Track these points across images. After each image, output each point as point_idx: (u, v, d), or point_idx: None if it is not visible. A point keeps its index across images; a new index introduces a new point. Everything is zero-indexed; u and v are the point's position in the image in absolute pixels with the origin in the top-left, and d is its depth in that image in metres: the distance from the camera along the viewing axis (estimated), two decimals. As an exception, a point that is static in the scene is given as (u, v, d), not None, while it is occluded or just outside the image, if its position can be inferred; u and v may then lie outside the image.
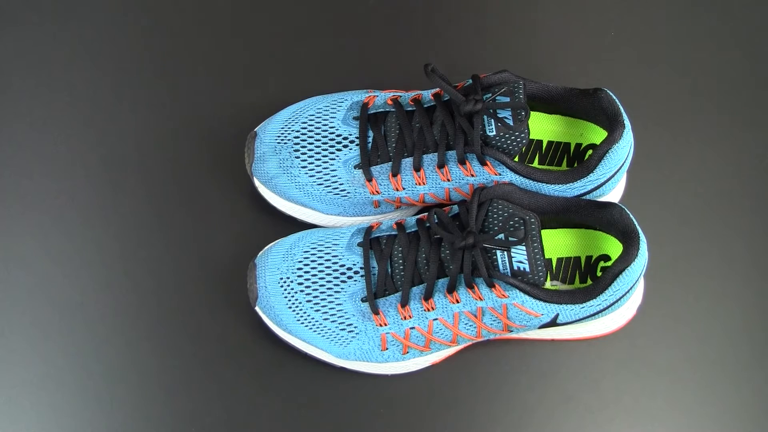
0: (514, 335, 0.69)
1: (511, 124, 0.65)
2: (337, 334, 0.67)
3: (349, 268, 0.67)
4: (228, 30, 0.81)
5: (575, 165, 0.71)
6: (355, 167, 0.70)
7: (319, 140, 0.70)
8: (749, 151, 0.78)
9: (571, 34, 0.81)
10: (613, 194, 0.72)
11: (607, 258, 0.70)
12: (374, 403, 0.71)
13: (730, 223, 0.76)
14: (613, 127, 0.66)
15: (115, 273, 0.74)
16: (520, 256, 0.63)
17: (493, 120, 0.65)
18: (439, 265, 0.65)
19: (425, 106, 0.69)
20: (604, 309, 0.65)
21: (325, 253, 0.68)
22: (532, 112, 0.72)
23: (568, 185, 0.67)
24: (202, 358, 0.72)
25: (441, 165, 0.67)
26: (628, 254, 0.63)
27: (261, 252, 0.70)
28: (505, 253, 0.63)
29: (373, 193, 0.70)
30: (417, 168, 0.68)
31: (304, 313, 0.67)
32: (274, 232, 0.73)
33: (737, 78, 0.80)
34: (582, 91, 0.69)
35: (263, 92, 0.79)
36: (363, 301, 0.66)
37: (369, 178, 0.69)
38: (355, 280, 0.67)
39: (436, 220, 0.66)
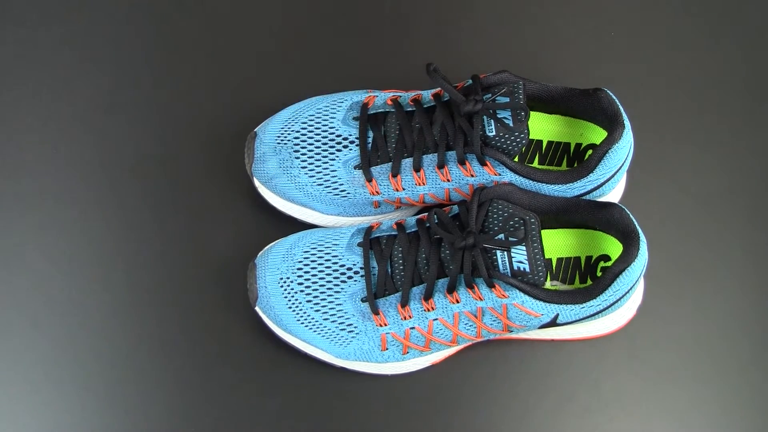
0: (514, 335, 0.69)
1: (511, 124, 0.65)
2: (337, 334, 0.67)
3: (349, 268, 0.67)
4: (228, 30, 0.81)
5: (575, 165, 0.71)
6: (355, 168, 0.70)
7: (318, 140, 0.70)
8: (749, 151, 0.78)
9: (571, 34, 0.81)
10: (613, 194, 0.72)
11: (607, 258, 0.70)
12: (374, 403, 0.71)
13: (730, 223, 0.76)
14: (613, 127, 0.66)
15: (115, 273, 0.74)
16: (520, 256, 0.63)
17: (492, 120, 0.65)
18: (439, 265, 0.65)
19: (425, 106, 0.69)
20: (604, 309, 0.65)
21: (325, 253, 0.68)
22: (532, 112, 0.72)
23: (568, 185, 0.67)
24: (201, 357, 0.72)
25: (441, 165, 0.67)
26: (628, 254, 0.63)
27: (261, 252, 0.70)
28: (505, 253, 0.63)
29: (373, 194, 0.70)
30: (417, 168, 0.68)
31: (304, 313, 0.67)
32: (274, 232, 0.73)
33: (737, 78, 0.80)
34: (582, 91, 0.69)
35: (263, 92, 0.79)
36: (363, 301, 0.66)
37: (369, 178, 0.69)
38: (355, 280, 0.67)
39: (436, 221, 0.66)
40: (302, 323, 0.67)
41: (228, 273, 0.73)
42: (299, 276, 0.68)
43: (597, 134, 0.72)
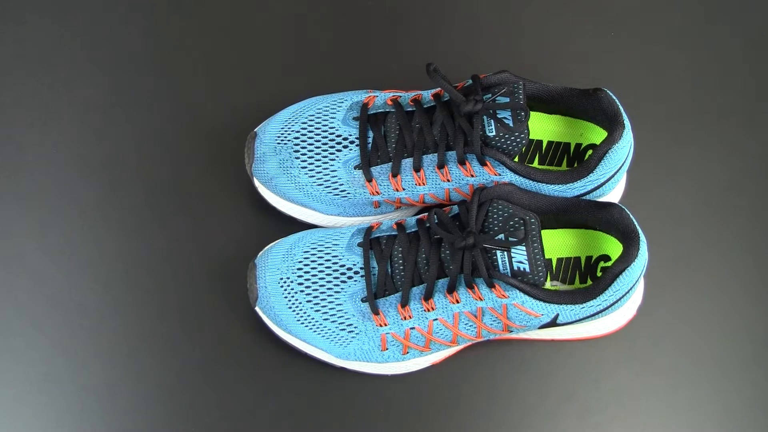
0: (514, 335, 0.69)
1: (511, 124, 0.65)
2: (337, 335, 0.67)
3: (349, 269, 0.67)
4: (228, 30, 0.81)
5: (575, 165, 0.71)
6: (355, 168, 0.70)
7: (319, 141, 0.70)
8: (749, 151, 0.78)
9: (571, 34, 0.81)
10: (613, 194, 0.72)
11: (607, 258, 0.70)
12: (374, 403, 0.71)
13: (730, 223, 0.76)
14: (613, 127, 0.66)
15: (115, 273, 0.74)
16: (520, 256, 0.63)
17: (492, 120, 0.65)
18: (439, 265, 0.65)
19: (425, 106, 0.69)
20: (604, 309, 0.65)
21: (325, 254, 0.68)
22: (532, 112, 0.72)
23: (568, 185, 0.67)
24: (201, 358, 0.72)
25: (441, 165, 0.67)
26: (628, 254, 0.63)
27: (261, 252, 0.70)
28: (505, 253, 0.63)
29: (373, 194, 0.70)
30: (417, 168, 0.68)
31: (304, 313, 0.67)
32: (274, 232, 0.73)
33: (737, 78, 0.80)
34: (582, 91, 0.69)
35: (263, 92, 0.79)
36: (363, 301, 0.66)
37: (369, 178, 0.69)
38: (355, 281, 0.67)
39: (436, 221, 0.66)
40: (302, 323, 0.67)
41: (228, 273, 0.73)
42: (299, 276, 0.68)
43: (597, 134, 0.72)
